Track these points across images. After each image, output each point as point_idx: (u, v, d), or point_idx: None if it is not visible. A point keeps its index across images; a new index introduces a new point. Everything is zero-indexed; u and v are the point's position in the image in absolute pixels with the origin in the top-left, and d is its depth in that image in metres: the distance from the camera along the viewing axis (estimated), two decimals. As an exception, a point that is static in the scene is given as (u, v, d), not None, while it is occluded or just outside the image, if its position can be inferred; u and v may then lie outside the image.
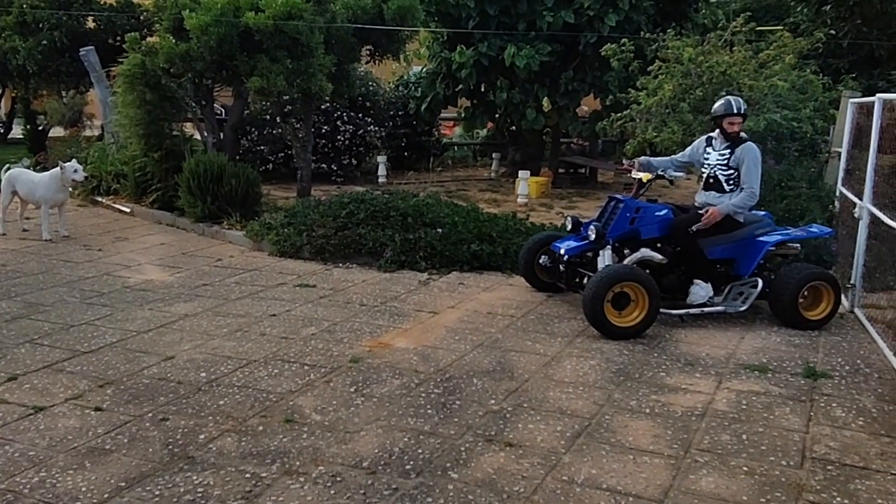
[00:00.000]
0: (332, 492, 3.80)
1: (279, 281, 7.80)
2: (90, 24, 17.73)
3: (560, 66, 13.63)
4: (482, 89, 14.74)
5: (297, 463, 4.08)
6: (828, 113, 9.95)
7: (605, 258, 6.62)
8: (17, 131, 20.34)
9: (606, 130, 11.56)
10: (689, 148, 7.25)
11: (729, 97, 6.96)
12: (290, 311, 6.76)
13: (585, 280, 6.53)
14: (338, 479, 3.92)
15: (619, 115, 10.99)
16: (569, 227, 7.14)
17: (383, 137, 15.20)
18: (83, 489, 3.79)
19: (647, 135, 10.20)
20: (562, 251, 6.89)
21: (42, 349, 5.72)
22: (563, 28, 13.11)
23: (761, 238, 6.74)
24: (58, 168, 9.49)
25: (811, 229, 7.13)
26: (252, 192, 10.34)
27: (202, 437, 4.36)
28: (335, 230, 8.67)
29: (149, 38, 12.11)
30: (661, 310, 6.36)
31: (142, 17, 16.85)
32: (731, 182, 6.71)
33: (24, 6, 17.24)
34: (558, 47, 13.37)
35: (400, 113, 15.98)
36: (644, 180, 6.86)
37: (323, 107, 13.54)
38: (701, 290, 6.61)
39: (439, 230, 8.54)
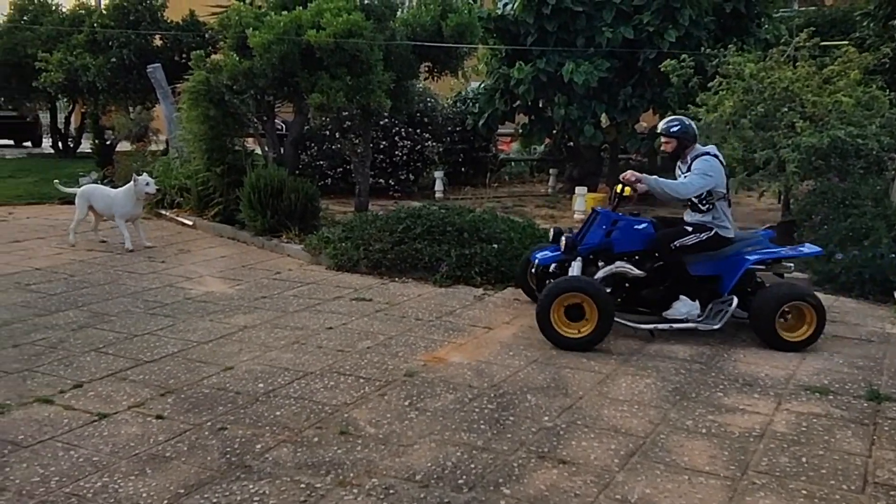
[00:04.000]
0: (385, 504, 3.83)
1: (336, 294, 7.90)
2: (157, 41, 18.23)
3: (619, 82, 13.56)
4: (540, 105, 14.73)
5: (351, 474, 4.12)
6: (895, 129, 9.71)
7: (574, 269, 6.62)
8: (85, 145, 20.96)
9: (665, 147, 11.45)
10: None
11: (667, 117, 7.04)
12: (346, 325, 6.84)
13: None
14: (391, 491, 3.95)
15: (678, 131, 10.87)
16: (551, 237, 7.15)
17: (441, 153, 15.29)
18: (144, 495, 3.89)
19: (707, 151, 10.07)
20: (536, 261, 7.00)
21: (107, 357, 5.88)
22: (623, 44, 13.05)
23: (746, 256, 6.60)
24: (131, 182, 9.87)
25: (802, 248, 6.98)
26: (311, 206, 10.50)
27: (259, 446, 4.44)
28: (392, 245, 8.75)
29: (213, 56, 12.41)
30: (631, 323, 6.44)
31: (207, 35, 17.28)
32: (704, 201, 6.59)
33: (95, 25, 17.82)
34: (617, 63, 13.31)
35: (458, 128, 16.05)
36: (626, 193, 6.74)
37: (381, 122, 13.68)
38: (683, 307, 6.55)
39: (495, 246, 8.55)
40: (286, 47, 10.12)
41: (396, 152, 14.36)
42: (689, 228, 6.57)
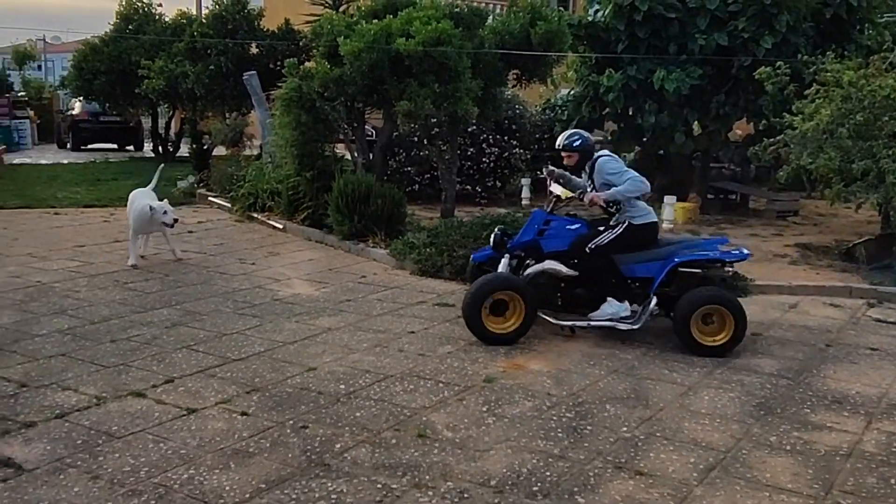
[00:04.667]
0: (459, 508, 3.86)
1: (419, 299, 7.98)
2: (253, 49, 18.76)
3: (711, 90, 13.29)
4: (629, 113, 14.55)
5: (427, 477, 4.17)
6: None
7: (501, 266, 6.70)
8: (184, 150, 21.69)
9: (759, 156, 11.18)
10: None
11: (564, 133, 7.09)
12: (427, 329, 6.91)
13: None
14: (465, 495, 3.98)
15: (772, 140, 10.62)
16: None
17: (528, 160, 15.26)
18: (227, 488, 4.02)
19: (802, 161, 9.80)
20: (472, 257, 7.23)
21: (197, 355, 6.10)
22: (716, 51, 12.79)
23: (674, 258, 6.51)
24: (148, 206, 9.33)
25: (733, 251, 6.74)
26: (397, 211, 10.62)
27: (338, 446, 4.53)
28: (475, 251, 8.76)
29: (306, 63, 12.70)
30: (552, 320, 6.61)
31: (301, 44, 17.68)
32: (611, 203, 6.66)
33: (195, 34, 18.46)
34: (710, 70, 13.04)
35: (546, 136, 15.97)
36: (562, 196, 6.82)
37: (469, 129, 13.73)
38: (609, 308, 6.57)
39: (579, 254, 8.48)
40: (376, 55, 10.28)
41: (483, 159, 14.40)
42: (602, 228, 6.64)
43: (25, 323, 6.87)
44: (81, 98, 24.81)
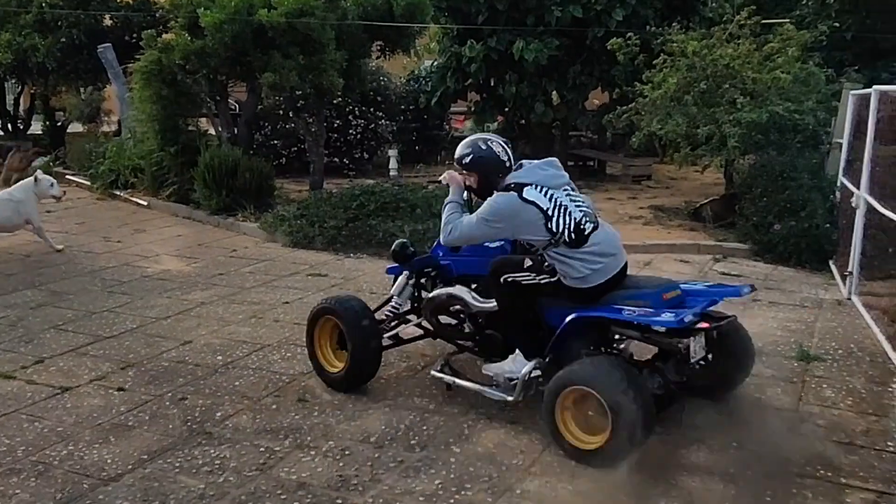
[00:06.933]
0: (341, 464, 4.04)
1: (292, 270, 8.05)
2: (107, 21, 18.03)
3: (568, 60, 13.79)
4: (492, 83, 14.92)
5: (309, 438, 4.32)
6: (830, 105, 10.09)
7: (395, 287, 5.33)
8: (36, 127, 20.67)
9: (613, 123, 11.74)
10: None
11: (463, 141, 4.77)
12: (302, 299, 7.01)
13: None
14: (346, 452, 4.16)
15: (625, 108, 11.18)
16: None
17: (394, 131, 15.42)
18: (108, 461, 4.05)
19: (653, 127, 10.39)
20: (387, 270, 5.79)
21: (66, 334, 6.00)
22: (572, 23, 13.26)
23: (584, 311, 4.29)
24: (31, 179, 8.13)
25: (656, 317, 4.08)
26: (266, 185, 10.61)
27: (219, 414, 4.62)
28: (346, 221, 8.92)
29: (164, 35, 12.39)
30: (436, 371, 4.87)
31: (157, 15, 17.13)
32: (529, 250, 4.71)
33: (44, 5, 17.55)
34: (566, 41, 13.53)
35: (411, 107, 16.19)
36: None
37: (335, 101, 13.76)
38: (505, 365, 4.51)
39: (448, 221, 8.75)
40: (238, 27, 10.17)
41: (350, 131, 14.47)
42: (529, 263, 4.48)
43: None
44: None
